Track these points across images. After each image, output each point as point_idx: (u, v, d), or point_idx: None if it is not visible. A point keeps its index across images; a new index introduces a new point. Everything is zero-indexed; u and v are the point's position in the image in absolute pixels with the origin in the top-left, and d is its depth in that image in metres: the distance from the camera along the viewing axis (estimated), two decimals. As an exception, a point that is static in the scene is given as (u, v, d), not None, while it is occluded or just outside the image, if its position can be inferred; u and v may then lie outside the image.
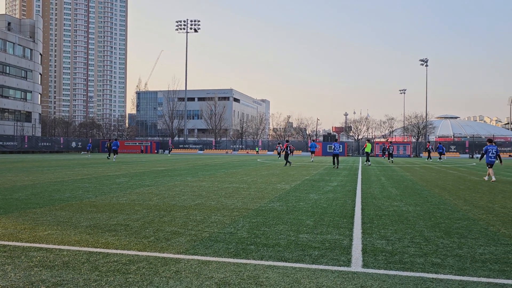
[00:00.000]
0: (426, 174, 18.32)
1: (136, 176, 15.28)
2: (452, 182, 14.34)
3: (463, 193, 10.84)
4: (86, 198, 9.00)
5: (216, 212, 7.32)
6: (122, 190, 10.59)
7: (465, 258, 4.56)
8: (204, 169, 20.84)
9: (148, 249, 4.75)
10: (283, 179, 14.58)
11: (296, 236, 5.49)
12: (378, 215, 7.20)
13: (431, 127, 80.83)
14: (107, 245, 4.89)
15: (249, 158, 42.68)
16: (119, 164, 25.05)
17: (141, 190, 10.62)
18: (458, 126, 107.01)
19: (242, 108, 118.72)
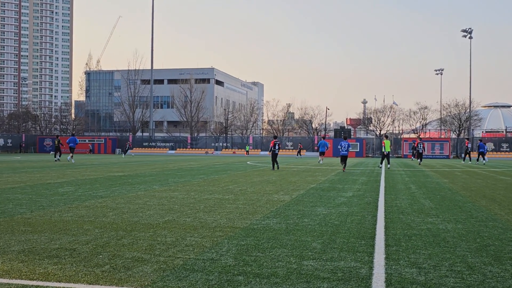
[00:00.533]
0: (470, 181, 18.49)
1: (85, 185, 15.22)
2: (504, 191, 14.48)
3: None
4: (19, 214, 8.93)
5: (192, 231, 7.31)
6: (67, 203, 10.52)
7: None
8: (176, 174, 20.81)
9: (102, 281, 4.73)
10: (281, 188, 14.62)
11: (298, 263, 5.50)
12: (407, 235, 7.24)
13: (477, 119, 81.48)
14: (47, 277, 4.86)
15: (237, 160, 42.73)
16: (63, 169, 24.92)
17: (92, 203, 10.57)
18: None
19: (227, 94, 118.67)
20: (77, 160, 37.87)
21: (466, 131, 78.20)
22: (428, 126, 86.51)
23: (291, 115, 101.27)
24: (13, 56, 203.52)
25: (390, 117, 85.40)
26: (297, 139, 76.22)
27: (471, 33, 72.33)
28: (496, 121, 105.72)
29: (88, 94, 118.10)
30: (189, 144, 77.19)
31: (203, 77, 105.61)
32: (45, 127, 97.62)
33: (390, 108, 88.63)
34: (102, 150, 74.67)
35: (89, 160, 40.21)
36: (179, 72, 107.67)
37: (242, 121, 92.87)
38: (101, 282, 4.68)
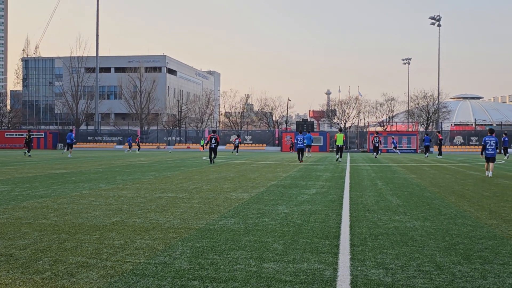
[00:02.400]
0: (439, 177, 18.96)
1: (23, 183, 14.88)
2: (473, 187, 14.92)
3: (488, 202, 11.31)
4: None
5: (143, 233, 7.25)
6: (2, 204, 10.29)
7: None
8: (125, 171, 20.57)
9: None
10: (239, 185, 14.64)
11: (258, 266, 5.53)
12: (373, 234, 7.37)
13: (445, 111, 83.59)
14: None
15: (191, 156, 42.55)
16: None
17: (31, 204, 10.35)
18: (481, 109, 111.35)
19: (180, 83, 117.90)
20: (14, 157, 36.97)
21: (434, 124, 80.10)
22: (395, 118, 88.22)
23: (250, 107, 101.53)
24: None
25: (356, 109, 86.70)
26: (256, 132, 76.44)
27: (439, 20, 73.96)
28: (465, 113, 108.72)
29: (26, 83, 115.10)
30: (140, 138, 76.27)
31: (154, 65, 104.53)
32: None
33: (355, 99, 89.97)
34: (42, 145, 73.03)
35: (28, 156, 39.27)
36: (127, 59, 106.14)
37: (197, 113, 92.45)
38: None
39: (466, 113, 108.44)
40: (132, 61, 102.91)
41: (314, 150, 58.83)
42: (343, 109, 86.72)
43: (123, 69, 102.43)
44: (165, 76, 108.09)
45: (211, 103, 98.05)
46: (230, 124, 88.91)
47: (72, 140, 39.47)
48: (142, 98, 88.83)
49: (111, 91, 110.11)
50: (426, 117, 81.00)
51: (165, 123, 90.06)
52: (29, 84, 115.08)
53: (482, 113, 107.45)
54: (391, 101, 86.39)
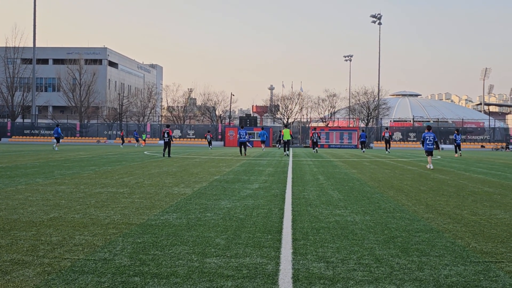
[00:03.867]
0: (378, 172, 19.42)
1: (-46, 178, 14.29)
2: (411, 181, 15.36)
3: (425, 196, 11.67)
4: None
5: (82, 229, 7.10)
6: None
7: (426, 282, 4.91)
8: (63, 166, 20.08)
9: (-25, 288, 4.47)
10: (182, 180, 14.56)
11: (201, 261, 5.51)
12: (315, 228, 7.47)
13: (385, 108, 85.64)
14: None
15: (133, 150, 41.94)
16: None
17: (-37, 199, 9.96)
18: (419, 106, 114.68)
19: (121, 76, 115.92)
20: None
21: (374, 120, 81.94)
22: (337, 114, 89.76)
23: (193, 101, 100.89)
24: None
25: (298, 105, 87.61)
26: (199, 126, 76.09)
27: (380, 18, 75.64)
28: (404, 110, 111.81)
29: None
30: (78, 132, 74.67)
31: (94, 57, 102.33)
32: None
33: (298, 95, 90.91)
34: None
35: (-41, 150, 37.73)
36: (66, 51, 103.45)
37: (139, 107, 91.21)
38: (-27, 290, 4.43)
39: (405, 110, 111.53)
40: (72, 52, 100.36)
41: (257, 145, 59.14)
42: (286, 104, 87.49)
43: (62, 61, 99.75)
44: (105, 69, 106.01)
45: (153, 97, 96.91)
46: (173, 119, 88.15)
47: (60, 135, 41.30)
48: (82, 91, 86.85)
49: (49, 83, 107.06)
50: (366, 113, 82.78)
51: (105, 117, 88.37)
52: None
53: (420, 110, 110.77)
54: (333, 97, 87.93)
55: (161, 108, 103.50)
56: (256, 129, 65.46)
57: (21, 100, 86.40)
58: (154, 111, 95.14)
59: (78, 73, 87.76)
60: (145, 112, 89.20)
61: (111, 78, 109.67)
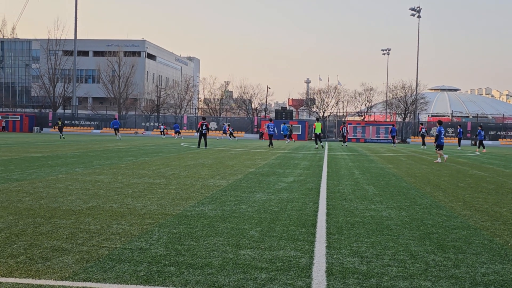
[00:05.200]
0: (415, 167, 19.16)
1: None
2: (449, 178, 15.11)
3: (462, 192, 11.47)
4: None
5: (119, 218, 7.21)
6: (-24, 187, 10.14)
7: (463, 280, 4.84)
8: (102, 156, 20.41)
9: (17, 273, 4.61)
10: (217, 172, 14.64)
11: (235, 252, 5.54)
12: (349, 222, 7.44)
13: (423, 102, 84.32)
14: (-48, 269, 4.68)
15: (169, 142, 42.34)
16: (-28, 148, 23.89)
17: (6, 187, 10.23)
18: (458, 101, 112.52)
19: (159, 69, 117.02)
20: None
21: (412, 115, 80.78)
22: (374, 108, 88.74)
23: (230, 93, 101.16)
24: None
25: (334, 98, 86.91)
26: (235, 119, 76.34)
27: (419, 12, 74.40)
28: (443, 105, 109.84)
29: (2, 65, 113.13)
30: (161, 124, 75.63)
31: (133, 49, 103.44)
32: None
33: (334, 88, 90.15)
34: (18, 128, 72.06)
35: (2, 138, 38.71)
36: (106, 43, 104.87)
37: (176, 99, 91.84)
38: (15, 274, 4.56)
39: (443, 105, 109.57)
40: (111, 45, 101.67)
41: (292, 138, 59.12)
42: (322, 98, 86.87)
43: (102, 53, 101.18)
44: (144, 61, 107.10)
45: (190, 89, 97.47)
46: (209, 111, 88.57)
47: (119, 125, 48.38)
48: (121, 83, 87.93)
49: (89, 75, 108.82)
50: (404, 108, 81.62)
51: (143, 108, 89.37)
52: (5, 66, 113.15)
53: (459, 105, 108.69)
54: (370, 91, 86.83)
55: (198, 101, 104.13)
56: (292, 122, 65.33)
57: (62, 91, 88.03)
58: (191, 103, 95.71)
59: (117, 65, 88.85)
60: (182, 104, 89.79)
61: (149, 70, 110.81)
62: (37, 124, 73.88)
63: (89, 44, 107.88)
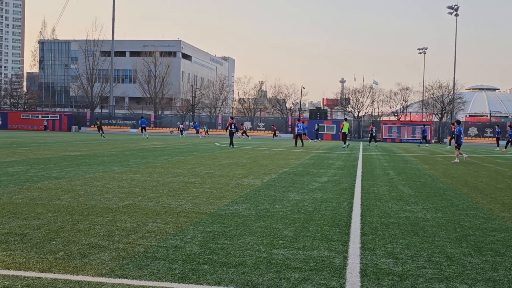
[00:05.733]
0: (451, 168, 18.85)
1: (37, 164, 15.00)
2: (487, 179, 14.82)
3: (501, 194, 11.23)
4: (-37, 195, 8.78)
5: (154, 217, 7.29)
6: (17, 184, 10.38)
7: (501, 283, 4.74)
8: (138, 155, 20.67)
9: (55, 269, 4.70)
10: (251, 172, 14.67)
11: (268, 252, 5.55)
12: (384, 223, 7.36)
13: (460, 102, 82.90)
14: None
15: (204, 141, 42.61)
16: (13, 147, 24.50)
17: (45, 185, 10.45)
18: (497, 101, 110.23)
19: (194, 69, 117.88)
20: (29, 138, 37.30)
21: (449, 115, 79.47)
22: (409, 108, 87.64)
23: (264, 93, 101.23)
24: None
25: (370, 98, 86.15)
26: (269, 119, 76.35)
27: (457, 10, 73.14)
28: (481, 104, 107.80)
29: (42, 65, 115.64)
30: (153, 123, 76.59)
31: (169, 50, 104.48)
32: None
33: (369, 88, 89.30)
34: (57, 127, 73.56)
35: (43, 137, 39.58)
36: (142, 43, 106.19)
37: (211, 99, 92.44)
38: (54, 270, 4.65)
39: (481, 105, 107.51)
40: (147, 45, 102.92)
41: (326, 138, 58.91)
42: (357, 97, 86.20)
43: (138, 53, 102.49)
44: (179, 61, 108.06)
45: (225, 89, 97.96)
46: (244, 111, 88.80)
47: (146, 124, 51.46)
48: (156, 83, 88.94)
49: (126, 75, 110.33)
50: (440, 107, 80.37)
51: (178, 108, 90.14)
52: (45, 67, 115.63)
53: (498, 105, 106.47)
54: (406, 91, 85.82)
55: (232, 100, 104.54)
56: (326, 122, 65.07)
57: (100, 91, 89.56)
58: (226, 103, 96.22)
59: (153, 65, 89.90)
60: (217, 104, 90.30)
61: (184, 70, 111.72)
62: (76, 123, 75.28)
63: (126, 44, 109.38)
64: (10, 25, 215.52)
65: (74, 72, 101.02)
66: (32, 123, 73.57)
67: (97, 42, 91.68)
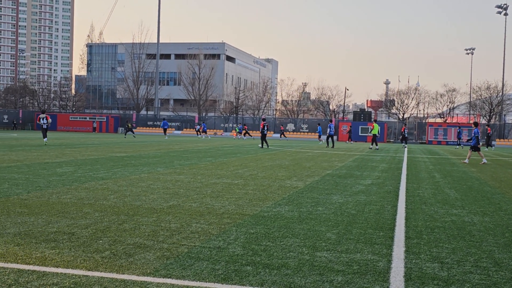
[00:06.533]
0: (500, 171, 18.37)
1: (85, 165, 15.34)
2: (536, 182, 14.38)
3: (552, 198, 10.88)
4: (15, 195, 9.03)
5: (198, 218, 7.36)
6: (66, 184, 10.63)
7: (551, 290, 4.59)
8: (182, 156, 20.90)
9: (102, 267, 4.79)
10: (294, 174, 14.64)
11: (311, 254, 5.53)
12: (429, 227, 7.24)
13: (510, 104, 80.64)
14: (44, 261, 4.92)
15: (247, 142, 42.74)
16: (62, 148, 25.13)
17: (93, 185, 10.67)
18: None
19: (238, 71, 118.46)
20: (77, 139, 38.19)
21: (497, 116, 77.50)
22: (456, 110, 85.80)
23: (307, 95, 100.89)
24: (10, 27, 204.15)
25: (415, 100, 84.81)
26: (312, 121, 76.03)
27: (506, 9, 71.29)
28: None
29: (90, 68, 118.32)
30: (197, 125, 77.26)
31: (213, 52, 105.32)
32: (44, 102, 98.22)
33: (415, 90, 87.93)
34: (104, 128, 75.10)
35: (90, 139, 40.48)
36: (187, 46, 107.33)
37: (254, 101, 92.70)
38: (100, 269, 4.74)
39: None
40: (192, 48, 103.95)
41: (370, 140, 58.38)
42: (401, 99, 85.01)
43: (183, 56, 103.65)
44: (223, 63, 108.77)
45: (268, 91, 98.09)
46: (287, 112, 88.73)
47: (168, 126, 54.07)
48: (201, 85, 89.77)
49: (170, 77, 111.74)
50: (489, 109, 78.42)
51: (222, 110, 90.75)
52: (92, 69, 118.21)
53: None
54: (452, 92, 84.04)
55: (276, 102, 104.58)
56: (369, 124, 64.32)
57: (145, 93, 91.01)
58: (269, 105, 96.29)
59: (198, 67, 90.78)
60: (260, 105, 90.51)
61: (228, 72, 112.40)
62: (122, 125, 76.65)
63: (171, 47, 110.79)
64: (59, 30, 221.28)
65: (121, 74, 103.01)
66: (80, 124, 75.36)
67: (143, 45, 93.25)
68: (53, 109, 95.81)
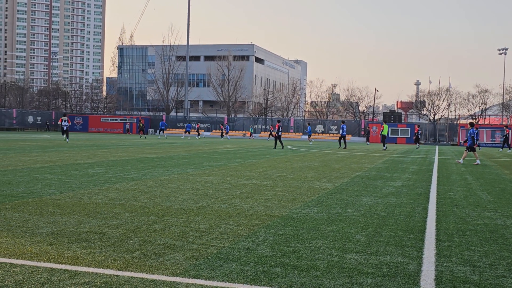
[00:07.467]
0: (534, 173, 17.98)
1: (116, 166, 15.52)
2: None
3: None
4: (47, 195, 9.20)
5: (227, 219, 7.38)
6: (97, 185, 10.78)
7: None
8: (211, 158, 20.99)
9: (132, 267, 4.84)
10: (323, 175, 14.58)
11: (340, 256, 5.50)
12: (461, 230, 7.13)
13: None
14: (75, 261, 5.00)
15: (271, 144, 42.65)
16: (93, 149, 25.48)
17: (123, 186, 10.79)
18: None
19: (267, 72, 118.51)
20: (108, 140, 38.69)
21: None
22: (489, 111, 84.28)
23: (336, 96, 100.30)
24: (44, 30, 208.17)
25: (446, 101, 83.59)
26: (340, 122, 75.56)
27: (540, 8, 69.79)
28: None
29: (121, 70, 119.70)
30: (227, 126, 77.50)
31: (242, 54, 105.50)
32: (76, 104, 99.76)
33: (446, 90, 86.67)
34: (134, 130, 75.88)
35: (121, 140, 40.97)
36: (216, 48, 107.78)
37: (283, 102, 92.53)
38: (131, 269, 4.79)
39: None
40: (221, 49, 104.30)
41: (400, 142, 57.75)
42: (432, 100, 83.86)
43: (212, 58, 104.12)
44: (252, 65, 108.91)
45: (297, 92, 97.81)
46: (316, 114, 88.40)
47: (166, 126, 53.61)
48: (230, 86, 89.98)
49: (200, 79, 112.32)
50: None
51: (251, 111, 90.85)
52: (123, 71, 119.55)
53: None
54: (485, 93, 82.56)
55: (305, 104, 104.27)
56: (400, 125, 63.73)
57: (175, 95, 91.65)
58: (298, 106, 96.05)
59: (227, 69, 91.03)
60: (289, 107, 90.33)
61: (257, 74, 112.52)
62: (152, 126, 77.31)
63: (200, 49, 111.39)
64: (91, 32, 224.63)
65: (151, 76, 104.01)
66: (111, 126, 76.28)
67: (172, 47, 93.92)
68: (85, 110, 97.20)
